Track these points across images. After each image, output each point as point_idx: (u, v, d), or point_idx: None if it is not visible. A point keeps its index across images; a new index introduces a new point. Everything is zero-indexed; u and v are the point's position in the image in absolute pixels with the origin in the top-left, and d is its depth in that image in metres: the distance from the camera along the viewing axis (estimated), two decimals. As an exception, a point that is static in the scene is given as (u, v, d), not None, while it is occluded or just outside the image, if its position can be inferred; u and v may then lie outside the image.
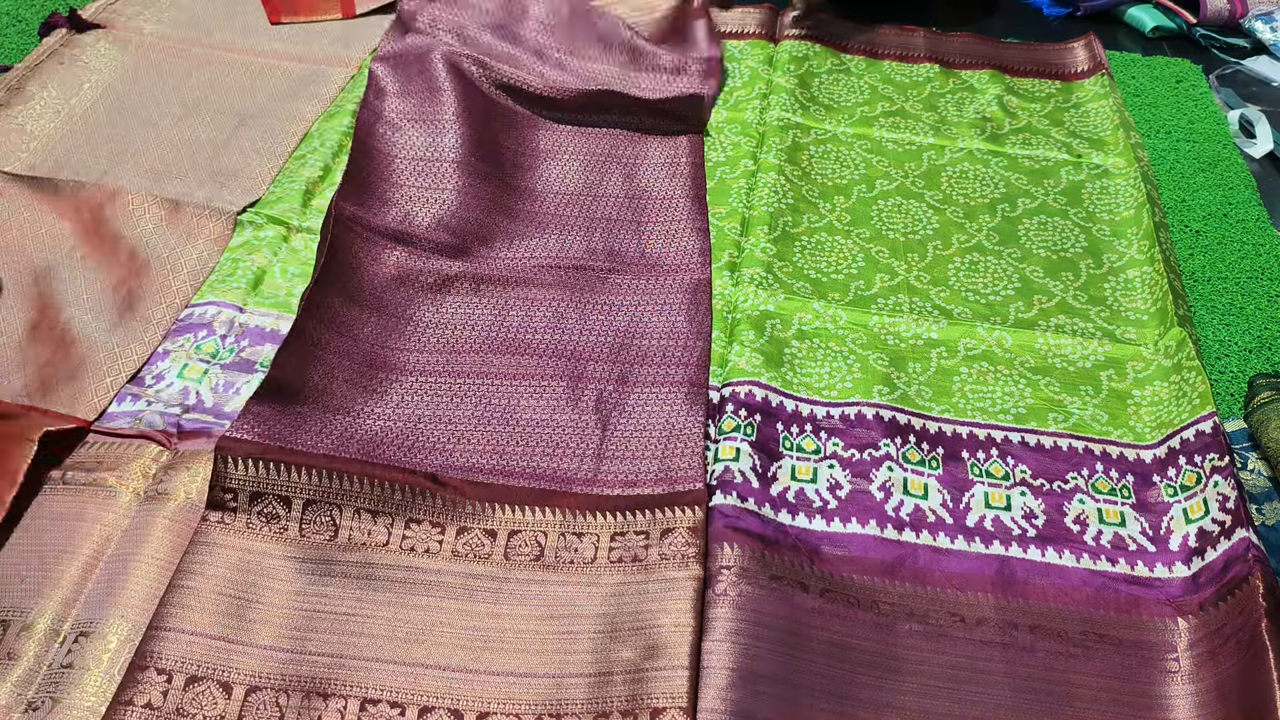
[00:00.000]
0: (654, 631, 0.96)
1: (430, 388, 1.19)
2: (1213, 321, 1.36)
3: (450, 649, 0.97)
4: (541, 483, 1.10)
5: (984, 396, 1.22)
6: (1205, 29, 2.00)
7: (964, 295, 1.35)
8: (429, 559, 1.03)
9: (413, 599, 1.00)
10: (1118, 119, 1.67)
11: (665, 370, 1.21)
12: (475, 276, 1.32)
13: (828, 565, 1.04)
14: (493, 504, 1.07)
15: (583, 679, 0.94)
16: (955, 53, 1.86)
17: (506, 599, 1.00)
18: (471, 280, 1.31)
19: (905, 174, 1.57)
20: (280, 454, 1.05)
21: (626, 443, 1.14)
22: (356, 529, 1.04)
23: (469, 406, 1.17)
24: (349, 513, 1.04)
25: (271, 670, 0.93)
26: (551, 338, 1.25)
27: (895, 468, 1.13)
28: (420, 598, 1.00)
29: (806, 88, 1.73)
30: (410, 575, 1.02)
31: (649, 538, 1.04)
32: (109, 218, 1.37)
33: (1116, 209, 1.51)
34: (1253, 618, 0.93)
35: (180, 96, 1.63)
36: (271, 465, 1.04)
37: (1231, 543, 1.01)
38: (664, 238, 1.41)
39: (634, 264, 1.36)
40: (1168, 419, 1.17)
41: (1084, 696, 0.95)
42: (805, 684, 0.94)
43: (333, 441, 1.09)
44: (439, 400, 1.17)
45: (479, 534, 1.05)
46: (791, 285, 1.34)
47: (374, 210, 1.38)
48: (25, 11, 1.81)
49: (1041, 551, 1.07)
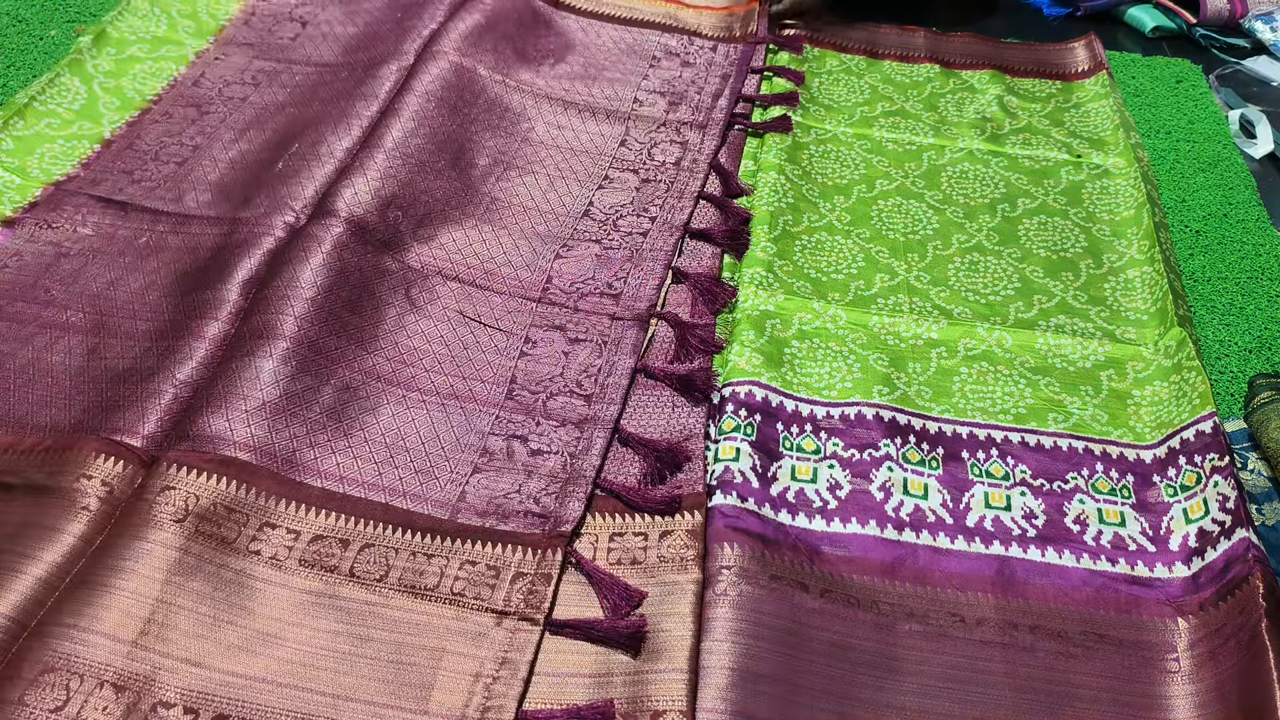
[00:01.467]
0: (654, 635, 0.96)
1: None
2: (1213, 321, 1.36)
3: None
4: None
5: (984, 396, 1.22)
6: (1205, 29, 2.00)
7: (964, 295, 1.35)
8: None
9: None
10: (1118, 119, 1.67)
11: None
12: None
13: (828, 565, 1.04)
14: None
15: (582, 679, 0.94)
16: (955, 53, 1.86)
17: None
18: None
19: (905, 174, 1.57)
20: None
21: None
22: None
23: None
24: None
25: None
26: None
27: (895, 468, 1.13)
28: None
29: (806, 88, 1.73)
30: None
31: (647, 539, 1.04)
32: None
33: (1116, 209, 1.51)
34: (1253, 618, 0.93)
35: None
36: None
37: (1231, 543, 1.01)
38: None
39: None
40: (1168, 419, 1.17)
41: (1084, 696, 0.95)
42: (805, 684, 0.94)
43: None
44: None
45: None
46: (791, 285, 1.34)
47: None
48: (25, 11, 1.81)
49: (1041, 551, 1.07)
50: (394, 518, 1.04)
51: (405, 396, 1.17)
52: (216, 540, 0.99)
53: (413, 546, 1.02)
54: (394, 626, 0.95)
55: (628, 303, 1.29)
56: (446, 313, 1.27)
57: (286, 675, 0.91)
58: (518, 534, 1.03)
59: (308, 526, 1.02)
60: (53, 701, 0.85)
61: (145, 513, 0.98)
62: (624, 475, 1.10)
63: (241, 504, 1.02)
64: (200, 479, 1.02)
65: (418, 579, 0.99)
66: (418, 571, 0.99)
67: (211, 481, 1.02)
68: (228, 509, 1.01)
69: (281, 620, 0.95)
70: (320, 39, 1.77)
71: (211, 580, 0.96)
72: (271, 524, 1.01)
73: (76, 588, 0.93)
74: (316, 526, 1.02)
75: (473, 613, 0.96)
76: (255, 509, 1.02)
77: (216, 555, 0.98)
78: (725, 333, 1.28)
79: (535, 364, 1.22)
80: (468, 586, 0.98)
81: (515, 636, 0.95)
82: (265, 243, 1.29)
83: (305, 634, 0.94)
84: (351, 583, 0.98)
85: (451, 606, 0.97)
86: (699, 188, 1.49)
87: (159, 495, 1.00)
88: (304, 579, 0.98)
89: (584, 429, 1.14)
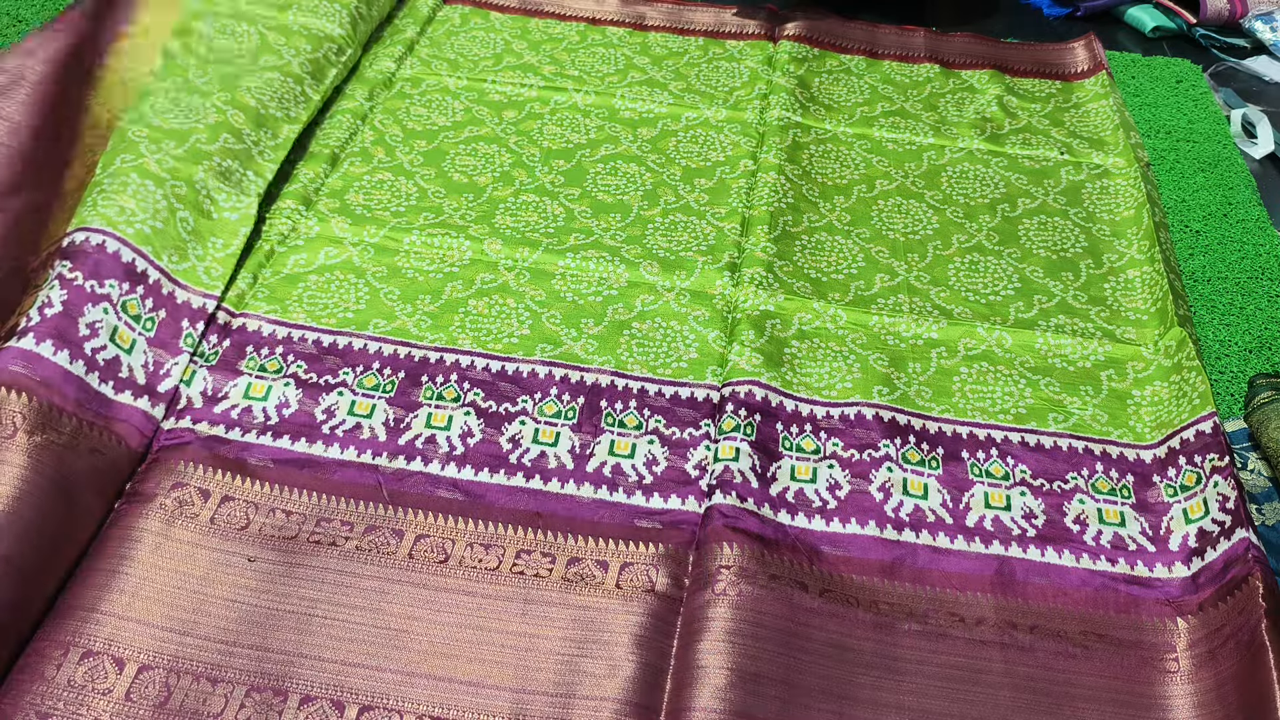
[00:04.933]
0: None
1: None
2: (1213, 321, 1.36)
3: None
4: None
5: (984, 397, 1.22)
6: (1205, 29, 2.00)
7: (964, 295, 1.35)
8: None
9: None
10: (1118, 119, 1.67)
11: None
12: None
13: (827, 565, 1.04)
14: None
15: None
16: (955, 53, 1.86)
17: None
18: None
19: (905, 174, 1.57)
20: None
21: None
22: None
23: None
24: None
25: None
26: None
27: (895, 468, 1.13)
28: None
29: (806, 88, 1.73)
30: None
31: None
32: None
33: (1116, 209, 1.51)
34: (1252, 618, 0.93)
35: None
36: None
37: (1231, 543, 1.01)
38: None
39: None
40: (1168, 419, 1.17)
41: (1083, 696, 0.95)
42: (804, 684, 0.94)
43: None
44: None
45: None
46: (791, 285, 1.34)
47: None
48: (25, 11, 1.81)
49: (1041, 551, 1.07)
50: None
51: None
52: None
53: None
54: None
55: None
56: None
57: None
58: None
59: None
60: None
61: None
62: None
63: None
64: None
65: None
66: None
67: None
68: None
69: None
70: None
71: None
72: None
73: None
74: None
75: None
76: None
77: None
78: (724, 333, 1.28)
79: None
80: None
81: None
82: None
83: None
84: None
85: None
86: None
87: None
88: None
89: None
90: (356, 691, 0.92)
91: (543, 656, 0.96)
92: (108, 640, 0.93)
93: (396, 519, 1.06)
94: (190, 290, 1.23)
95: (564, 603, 1.00)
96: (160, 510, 1.03)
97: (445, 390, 1.19)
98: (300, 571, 1.01)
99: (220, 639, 0.95)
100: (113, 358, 1.11)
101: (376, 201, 1.44)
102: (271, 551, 1.02)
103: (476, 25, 1.86)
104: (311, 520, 1.05)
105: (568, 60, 1.78)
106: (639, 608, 0.99)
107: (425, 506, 1.07)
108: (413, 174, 1.50)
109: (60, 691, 0.89)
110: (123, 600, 0.96)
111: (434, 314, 1.28)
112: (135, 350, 1.14)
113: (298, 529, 1.04)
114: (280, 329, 1.24)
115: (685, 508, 1.09)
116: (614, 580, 1.02)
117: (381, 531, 1.05)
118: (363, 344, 1.23)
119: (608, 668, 0.95)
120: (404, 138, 1.57)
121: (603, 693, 0.93)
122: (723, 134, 1.63)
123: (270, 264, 1.32)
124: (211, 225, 1.30)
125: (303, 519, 1.05)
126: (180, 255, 1.24)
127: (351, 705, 0.91)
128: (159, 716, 0.89)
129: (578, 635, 0.98)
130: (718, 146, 1.60)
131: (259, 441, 1.12)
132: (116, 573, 0.98)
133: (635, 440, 1.15)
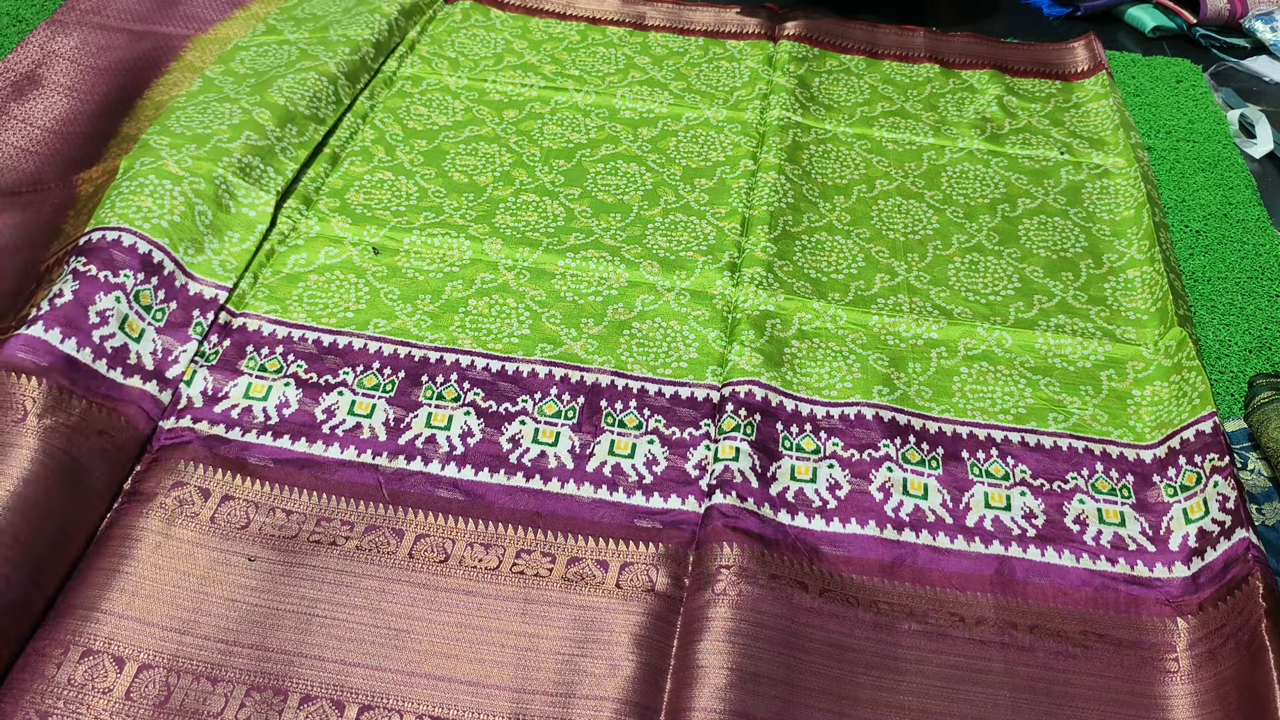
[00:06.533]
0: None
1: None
2: (1213, 321, 1.36)
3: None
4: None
5: (984, 396, 1.22)
6: (1205, 29, 2.00)
7: (964, 295, 1.35)
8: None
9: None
10: (1118, 119, 1.67)
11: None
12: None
13: (827, 565, 1.04)
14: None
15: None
16: (955, 53, 1.86)
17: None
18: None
19: (905, 174, 1.57)
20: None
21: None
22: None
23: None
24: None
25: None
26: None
27: (895, 468, 1.13)
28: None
29: (806, 88, 1.73)
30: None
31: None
32: None
33: (1116, 209, 1.51)
34: (1253, 618, 0.93)
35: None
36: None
37: (1231, 543, 1.01)
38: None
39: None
40: (1168, 419, 1.17)
41: (1083, 696, 0.95)
42: (804, 684, 0.94)
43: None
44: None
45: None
46: (792, 285, 1.34)
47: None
48: (25, 12, 1.81)
49: (1041, 551, 1.07)
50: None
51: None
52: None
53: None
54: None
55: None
56: None
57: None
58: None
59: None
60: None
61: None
62: None
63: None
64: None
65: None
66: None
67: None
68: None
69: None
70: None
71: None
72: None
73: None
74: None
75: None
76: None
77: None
78: (724, 333, 1.28)
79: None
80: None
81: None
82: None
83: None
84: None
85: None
86: None
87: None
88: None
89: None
90: (357, 691, 0.93)
91: (543, 656, 0.96)
92: (108, 639, 0.93)
93: (396, 519, 1.06)
94: (202, 282, 1.24)
95: (564, 602, 1.00)
96: (160, 509, 1.03)
97: (445, 390, 1.19)
98: (300, 571, 1.01)
99: (220, 638, 0.95)
100: (121, 345, 1.13)
101: (377, 201, 1.44)
102: (272, 551, 1.02)
103: (478, 22, 1.86)
104: (312, 520, 1.05)
105: (568, 60, 1.78)
106: (639, 607, 0.99)
107: (425, 506, 1.07)
108: (413, 173, 1.50)
109: (60, 690, 0.89)
110: (123, 599, 0.96)
111: (434, 314, 1.28)
112: (144, 339, 1.16)
113: (298, 528, 1.04)
114: (280, 329, 1.24)
115: (685, 507, 1.09)
116: (614, 580, 1.02)
117: (381, 531, 1.05)
118: (363, 344, 1.23)
119: (608, 667, 0.95)
120: (404, 137, 1.57)
121: (603, 692, 0.93)
122: (723, 134, 1.63)
123: (270, 264, 1.32)
124: (229, 219, 1.32)
125: (303, 518, 1.05)
126: (196, 249, 1.26)
127: (351, 705, 0.92)
128: (159, 716, 0.89)
129: (578, 635, 0.98)
130: (718, 146, 1.60)
131: (259, 441, 1.12)
132: (117, 572, 0.98)
133: (635, 440, 1.16)
